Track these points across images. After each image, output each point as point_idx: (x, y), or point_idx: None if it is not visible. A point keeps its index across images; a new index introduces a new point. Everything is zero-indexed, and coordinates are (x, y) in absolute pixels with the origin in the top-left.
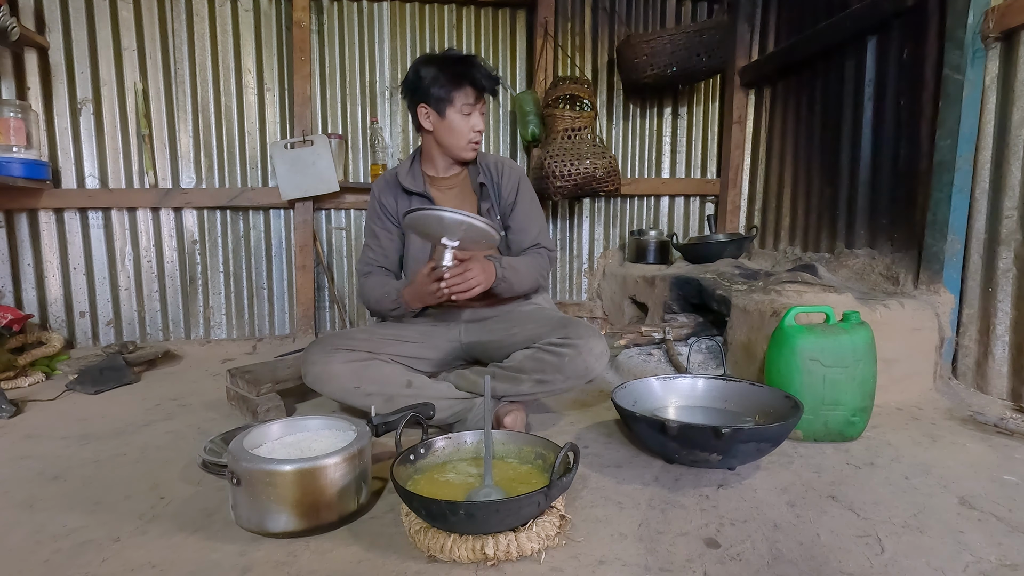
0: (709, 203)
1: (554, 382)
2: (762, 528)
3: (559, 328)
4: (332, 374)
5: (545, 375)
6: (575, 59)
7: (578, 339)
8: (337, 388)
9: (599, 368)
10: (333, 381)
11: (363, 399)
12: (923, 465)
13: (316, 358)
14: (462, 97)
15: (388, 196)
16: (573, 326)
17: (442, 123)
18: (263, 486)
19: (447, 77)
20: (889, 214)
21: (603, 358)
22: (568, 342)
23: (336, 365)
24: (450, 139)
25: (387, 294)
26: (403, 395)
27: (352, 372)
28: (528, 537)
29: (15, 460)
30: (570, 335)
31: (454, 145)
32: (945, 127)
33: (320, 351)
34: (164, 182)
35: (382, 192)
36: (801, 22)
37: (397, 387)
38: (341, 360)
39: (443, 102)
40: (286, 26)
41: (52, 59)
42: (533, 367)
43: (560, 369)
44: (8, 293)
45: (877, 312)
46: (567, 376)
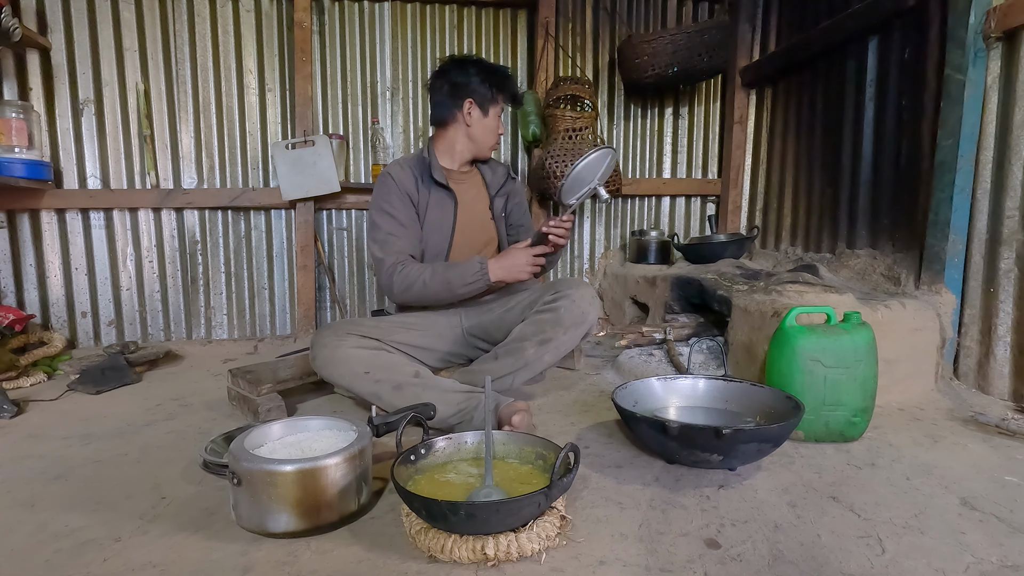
0: (710, 203)
1: (555, 336)
2: (763, 529)
3: (549, 288)
4: (343, 358)
5: (545, 333)
6: (576, 59)
7: (568, 289)
8: (347, 372)
9: (593, 314)
10: (343, 365)
11: (372, 385)
12: (924, 466)
13: (327, 341)
14: (500, 101)
15: (410, 185)
16: (562, 282)
17: (483, 121)
18: (264, 486)
19: (494, 81)
20: (890, 214)
21: (596, 303)
22: (560, 295)
23: (347, 349)
24: (484, 137)
25: (460, 276)
26: (411, 384)
27: (362, 358)
28: (529, 537)
29: (17, 460)
30: (560, 288)
31: (484, 143)
32: (947, 127)
33: (332, 334)
34: (166, 182)
35: (402, 181)
36: (802, 22)
37: (405, 376)
38: (352, 345)
39: (488, 101)
40: (287, 26)
41: (54, 60)
42: (533, 331)
43: (558, 322)
44: (10, 293)
45: (878, 312)
46: (566, 326)
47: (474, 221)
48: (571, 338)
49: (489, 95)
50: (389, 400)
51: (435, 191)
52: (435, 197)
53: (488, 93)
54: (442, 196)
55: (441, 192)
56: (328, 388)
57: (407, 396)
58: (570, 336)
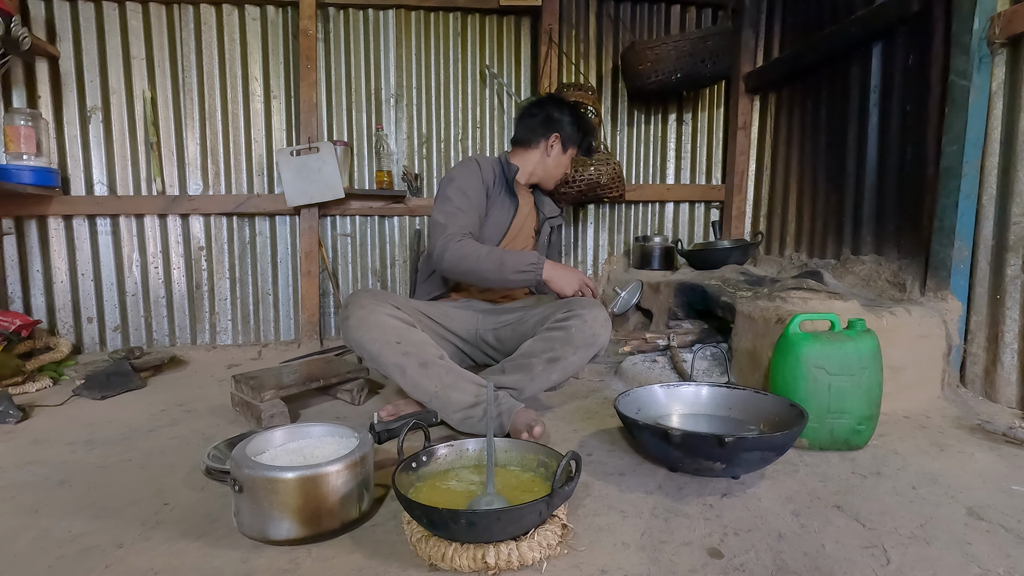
0: (714, 209)
1: (564, 356)
2: (766, 538)
3: (562, 307)
4: (377, 322)
5: (555, 351)
6: (579, 66)
7: (581, 309)
8: (379, 336)
9: (605, 335)
10: (376, 329)
11: (399, 357)
12: (930, 475)
13: (365, 302)
14: (578, 146)
15: (490, 179)
16: (575, 301)
17: (560, 156)
18: (265, 493)
19: (582, 127)
20: (895, 220)
21: (607, 325)
22: (572, 313)
23: (383, 315)
24: (555, 170)
25: (517, 261)
26: (436, 364)
27: (396, 328)
28: (530, 546)
29: (22, 465)
30: (573, 307)
31: (554, 175)
32: (951, 133)
33: (370, 298)
34: (171, 189)
35: (486, 172)
36: (806, 28)
37: (432, 356)
38: (388, 313)
39: (571, 142)
40: (293, 34)
41: (63, 68)
42: (542, 347)
43: (569, 341)
44: (17, 298)
45: (883, 319)
46: (576, 346)
47: (522, 233)
48: (580, 358)
49: (574, 137)
50: (413, 376)
51: (504, 195)
52: (502, 200)
53: (574, 135)
54: (507, 202)
55: (507, 198)
56: (332, 393)
57: (431, 376)
58: (579, 356)
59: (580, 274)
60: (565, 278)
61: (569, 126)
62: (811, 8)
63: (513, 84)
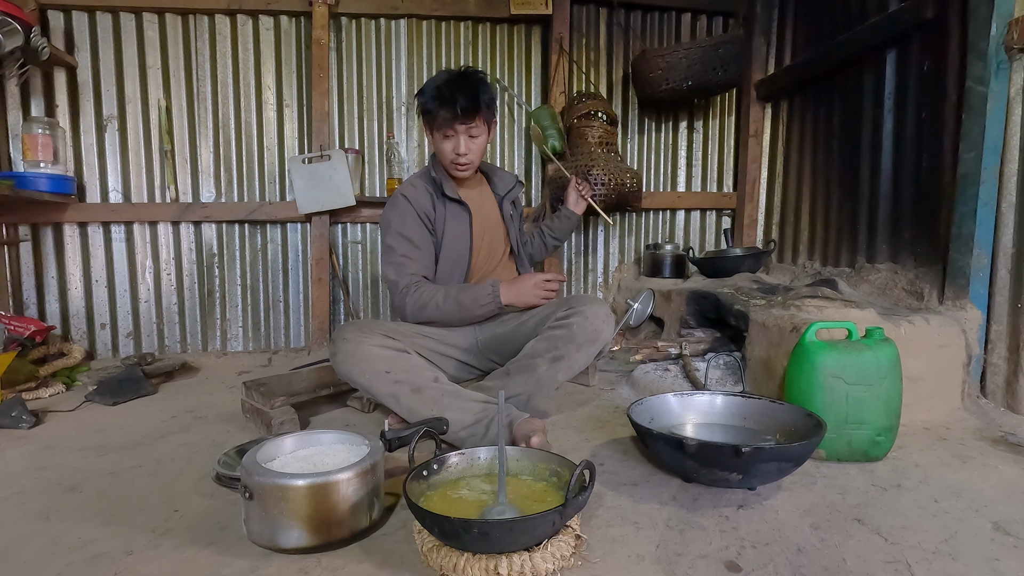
0: (726, 217)
1: (568, 354)
2: (785, 552)
3: (561, 306)
4: (364, 355)
5: (558, 350)
6: (590, 74)
7: (582, 306)
8: (368, 369)
9: (607, 331)
10: (364, 362)
11: (391, 386)
12: (953, 488)
13: (351, 335)
14: (441, 120)
15: (426, 204)
16: (576, 298)
17: (433, 142)
18: (275, 501)
19: (431, 98)
20: (912, 228)
21: (609, 320)
22: (573, 311)
23: (369, 347)
24: (440, 156)
25: (473, 298)
26: (430, 388)
27: (384, 357)
28: (543, 557)
29: (34, 471)
30: (574, 304)
31: (444, 162)
32: (969, 139)
33: (356, 329)
34: (185, 196)
35: (417, 201)
36: (818, 35)
37: (425, 380)
38: (375, 343)
39: (429, 123)
40: (306, 44)
41: (80, 77)
42: (545, 347)
43: (571, 339)
44: (32, 304)
45: (901, 328)
46: (579, 343)
47: (488, 226)
48: (584, 356)
49: (429, 117)
50: (407, 403)
51: (450, 205)
52: (451, 211)
53: (427, 115)
54: (456, 209)
55: (455, 205)
56: (341, 400)
57: (426, 400)
58: (583, 354)
59: (536, 281)
60: (523, 296)
61: (422, 102)
62: (823, 15)
63: (524, 93)
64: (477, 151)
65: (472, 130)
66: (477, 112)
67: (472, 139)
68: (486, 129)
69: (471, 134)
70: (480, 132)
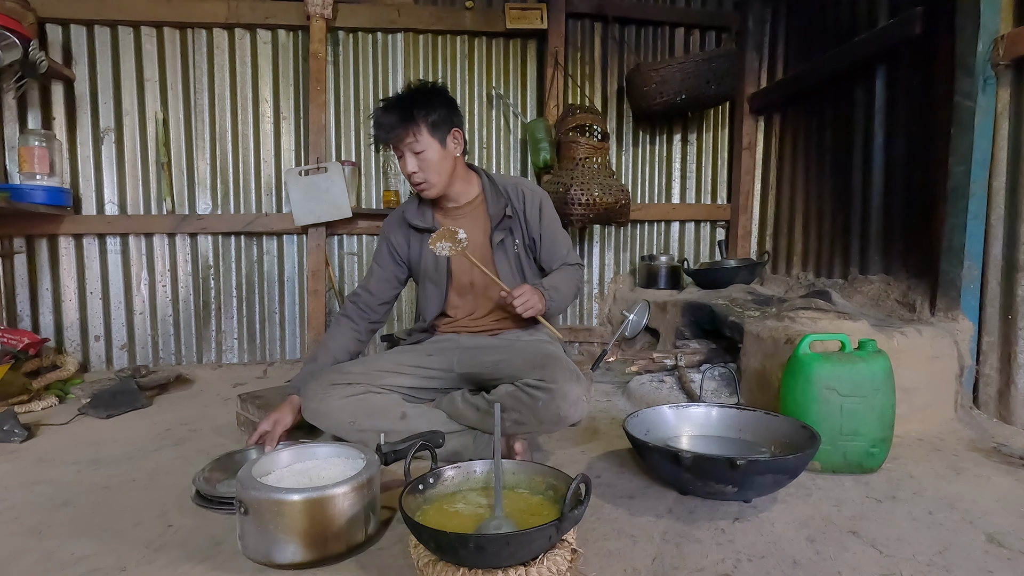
0: (720, 228)
1: (529, 424)
2: (781, 564)
3: (538, 369)
4: (326, 410)
5: (521, 415)
6: (585, 88)
7: (552, 383)
8: (333, 423)
9: (576, 414)
10: (328, 417)
11: (357, 435)
12: (947, 499)
13: (312, 394)
14: (381, 143)
15: (398, 235)
16: (551, 368)
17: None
18: (271, 516)
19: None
20: (903, 240)
21: (579, 404)
22: (543, 385)
23: (332, 401)
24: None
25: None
26: (396, 430)
27: (347, 407)
28: (539, 571)
29: (27, 485)
30: (545, 378)
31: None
32: (958, 153)
33: (318, 387)
34: (181, 208)
35: (391, 231)
36: (809, 50)
37: (391, 421)
38: (337, 396)
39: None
40: (303, 57)
41: (77, 90)
42: (511, 405)
43: (534, 412)
44: (26, 316)
45: (894, 340)
46: (540, 420)
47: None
48: (545, 429)
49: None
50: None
51: (426, 237)
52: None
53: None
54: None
55: (425, 235)
56: None
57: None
58: (544, 428)
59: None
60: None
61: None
62: (814, 31)
63: (520, 105)
64: (430, 167)
65: (413, 146)
66: (410, 126)
67: (417, 155)
68: (435, 142)
69: (414, 150)
70: (425, 146)
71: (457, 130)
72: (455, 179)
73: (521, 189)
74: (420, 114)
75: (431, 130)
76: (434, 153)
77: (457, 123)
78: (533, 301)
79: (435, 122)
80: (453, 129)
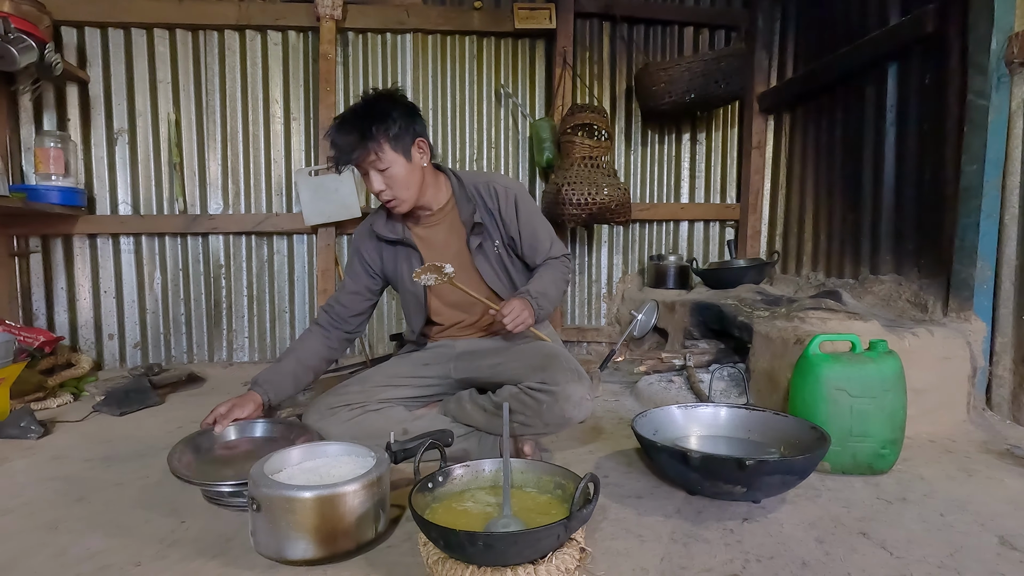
0: (729, 228)
1: (535, 426)
2: (790, 565)
3: (539, 371)
4: (327, 436)
5: (527, 418)
6: (593, 87)
7: (554, 386)
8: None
9: (579, 414)
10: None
11: None
12: (959, 501)
13: (311, 422)
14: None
15: (370, 248)
16: (552, 370)
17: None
18: (282, 512)
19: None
20: (915, 240)
21: (582, 404)
22: (545, 388)
23: (331, 428)
24: None
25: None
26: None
27: (345, 432)
28: (547, 570)
29: (42, 481)
30: (547, 380)
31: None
32: (971, 152)
33: (316, 414)
34: (193, 208)
35: (362, 244)
36: (820, 48)
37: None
38: (337, 421)
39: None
40: (313, 58)
41: (92, 92)
42: (516, 408)
43: (539, 415)
44: (41, 315)
45: (905, 340)
46: (546, 423)
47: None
48: (551, 431)
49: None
50: None
51: (399, 249)
52: (400, 251)
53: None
54: (406, 251)
55: (402, 250)
56: None
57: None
58: (550, 430)
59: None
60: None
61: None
62: (825, 29)
63: (528, 105)
64: (398, 183)
65: (377, 164)
66: (370, 144)
67: (383, 173)
68: (400, 156)
69: (378, 168)
70: (390, 162)
71: (421, 140)
72: (425, 189)
73: (493, 187)
74: (379, 129)
75: (393, 145)
76: (400, 168)
77: (420, 131)
78: (523, 316)
79: (396, 135)
80: (417, 139)
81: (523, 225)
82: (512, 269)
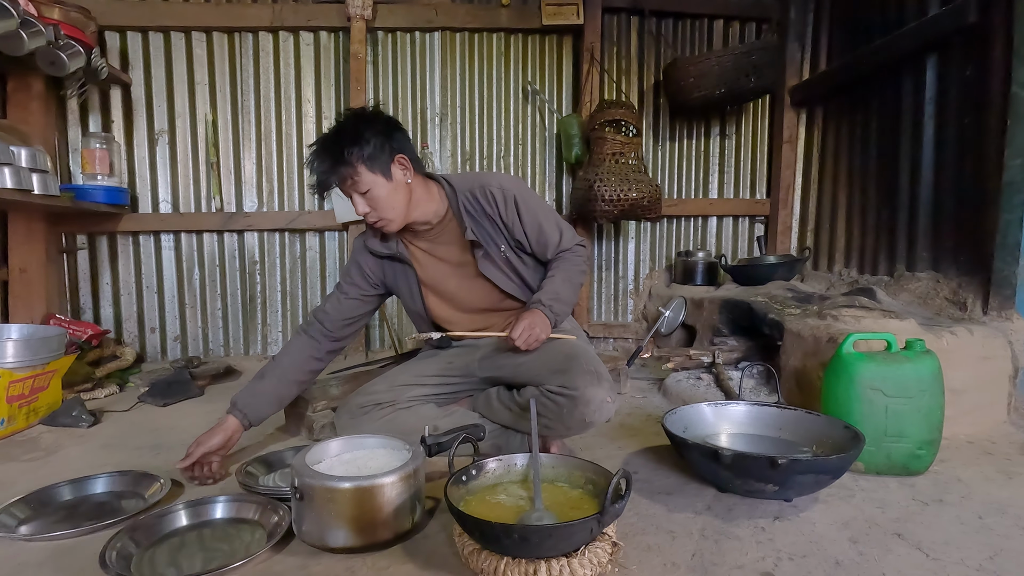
0: (759, 224)
1: (557, 429)
2: (823, 564)
3: (559, 375)
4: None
5: (549, 421)
6: (621, 82)
7: (574, 390)
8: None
9: (600, 418)
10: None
11: None
12: (998, 504)
13: (344, 423)
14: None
15: (369, 260)
16: (571, 373)
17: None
18: (324, 502)
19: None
20: (954, 236)
21: (603, 408)
22: (565, 392)
23: (364, 426)
24: None
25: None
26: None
27: (380, 429)
28: (580, 563)
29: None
30: (566, 384)
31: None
32: (1014, 146)
33: (347, 415)
34: (229, 206)
35: (361, 256)
36: (854, 40)
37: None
38: (369, 420)
39: None
40: (344, 58)
41: (134, 94)
42: (539, 411)
43: (560, 418)
44: (88, 309)
45: (943, 339)
46: (568, 426)
47: (451, 282)
48: (574, 433)
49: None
50: None
51: (396, 265)
52: (398, 267)
53: None
54: (401, 267)
55: (398, 264)
56: None
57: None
58: (573, 432)
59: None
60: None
61: None
62: (860, 21)
63: (555, 101)
64: (381, 204)
65: (356, 187)
66: (344, 169)
67: (364, 195)
68: (378, 176)
69: (358, 191)
70: (369, 184)
71: (402, 156)
72: (415, 205)
73: (489, 190)
74: (352, 152)
75: (369, 166)
76: (381, 189)
77: (399, 148)
78: (536, 332)
79: (371, 155)
80: (397, 156)
81: (527, 225)
82: (523, 269)
